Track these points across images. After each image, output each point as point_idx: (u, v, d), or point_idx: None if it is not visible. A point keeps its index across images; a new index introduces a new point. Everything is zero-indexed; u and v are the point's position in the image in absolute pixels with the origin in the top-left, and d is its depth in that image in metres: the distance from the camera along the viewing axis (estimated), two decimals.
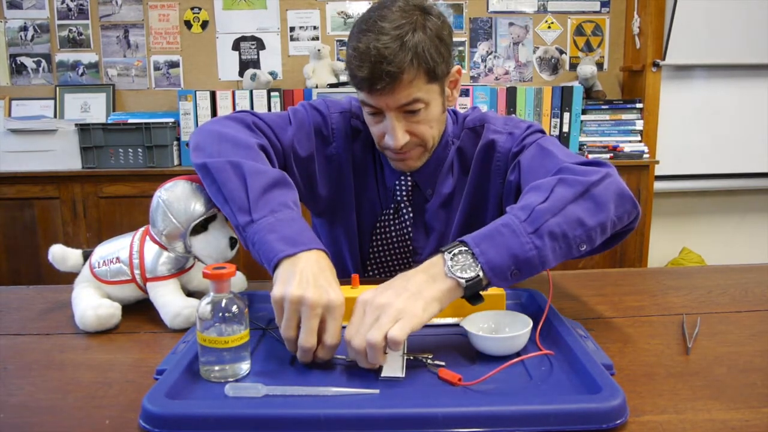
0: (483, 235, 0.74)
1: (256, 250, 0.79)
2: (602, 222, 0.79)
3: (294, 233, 0.78)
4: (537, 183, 0.84)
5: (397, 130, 0.97)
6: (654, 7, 2.59)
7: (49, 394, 0.67)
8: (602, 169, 0.84)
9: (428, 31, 0.93)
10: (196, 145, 0.95)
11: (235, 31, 2.74)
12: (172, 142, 2.46)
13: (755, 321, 0.88)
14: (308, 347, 0.69)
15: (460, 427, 0.56)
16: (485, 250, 0.72)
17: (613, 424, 0.57)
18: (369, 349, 0.66)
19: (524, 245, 0.73)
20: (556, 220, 0.76)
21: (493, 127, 1.09)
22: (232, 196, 0.84)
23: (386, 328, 0.66)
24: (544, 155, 0.97)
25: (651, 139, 2.64)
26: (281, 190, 0.85)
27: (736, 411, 0.61)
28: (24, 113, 2.64)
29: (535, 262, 0.74)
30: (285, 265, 0.74)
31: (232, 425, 0.57)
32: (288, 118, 1.08)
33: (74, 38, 2.71)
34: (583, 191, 0.80)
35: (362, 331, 0.67)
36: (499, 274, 0.72)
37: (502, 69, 2.84)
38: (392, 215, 1.13)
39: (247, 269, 1.03)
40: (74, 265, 0.95)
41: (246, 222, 0.81)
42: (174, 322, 0.85)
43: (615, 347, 0.78)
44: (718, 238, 2.96)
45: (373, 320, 0.67)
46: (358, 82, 0.94)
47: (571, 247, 0.77)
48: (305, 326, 0.69)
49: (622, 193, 0.83)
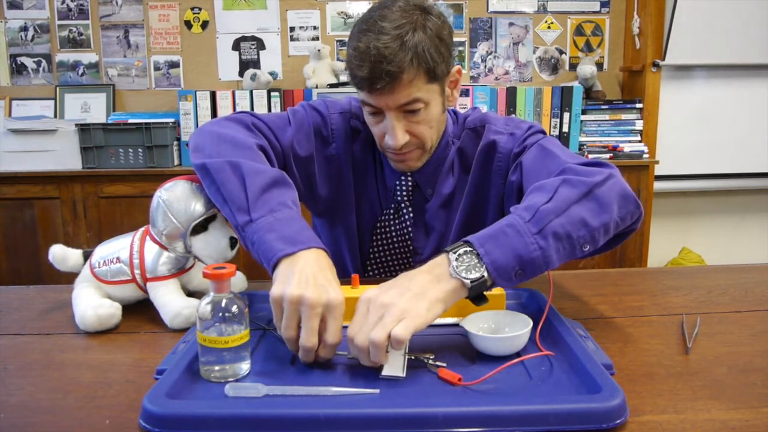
0: (488, 236, 0.74)
1: (255, 250, 0.79)
2: (605, 223, 0.79)
3: (293, 232, 0.78)
4: (540, 183, 0.84)
5: (397, 130, 0.97)
6: (654, 7, 2.59)
7: (49, 394, 0.67)
8: (605, 170, 0.85)
9: (428, 30, 0.93)
10: (195, 146, 0.96)
11: (235, 31, 2.74)
12: (172, 142, 2.46)
13: (755, 321, 0.88)
14: (310, 347, 0.69)
15: (460, 427, 0.56)
16: (490, 251, 0.72)
17: (613, 424, 0.57)
18: (372, 348, 0.66)
19: (529, 246, 0.73)
20: (560, 221, 0.76)
21: (494, 128, 1.09)
22: (231, 196, 0.84)
23: (390, 327, 0.65)
24: (545, 156, 0.98)
25: (651, 139, 2.64)
26: (280, 190, 0.85)
27: (736, 411, 0.61)
28: (24, 113, 2.64)
29: (539, 263, 0.74)
30: (284, 264, 0.74)
31: (232, 425, 0.57)
32: (287, 119, 1.08)
33: (74, 38, 2.71)
34: (586, 192, 0.80)
35: (365, 329, 0.67)
36: (503, 274, 0.72)
37: (502, 69, 2.84)
38: (392, 215, 1.13)
39: (247, 269, 1.03)
40: (74, 265, 0.95)
41: (245, 222, 0.81)
42: (174, 322, 0.85)
43: (615, 347, 0.78)
44: (718, 238, 2.96)
45: (376, 319, 0.67)
46: (359, 81, 0.94)
47: (574, 248, 0.77)
48: (306, 326, 0.69)
49: (626, 194, 0.83)
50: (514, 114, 2.59)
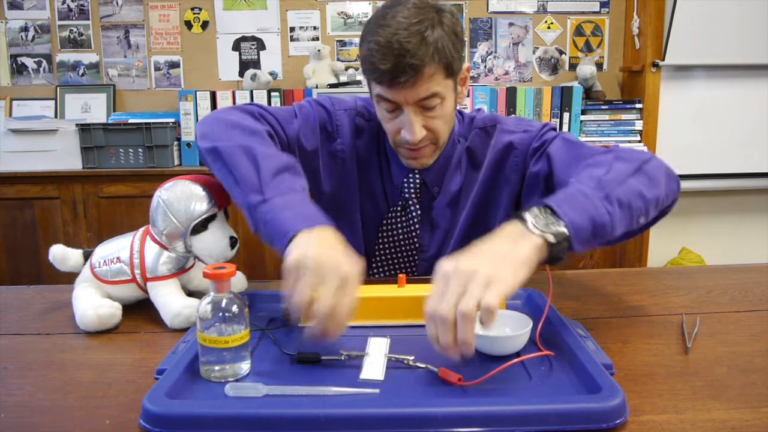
0: (561, 198, 0.74)
1: (267, 229, 0.78)
2: (657, 196, 0.83)
3: (309, 212, 0.78)
4: (593, 160, 0.89)
5: (415, 125, 0.98)
6: (654, 7, 2.59)
7: (49, 394, 0.67)
8: (647, 152, 0.90)
9: (445, 27, 0.94)
10: (203, 133, 0.96)
11: (235, 31, 2.74)
12: (173, 142, 2.46)
13: (755, 321, 0.88)
14: (322, 313, 0.65)
15: (460, 427, 0.56)
16: (567, 212, 0.72)
17: (612, 424, 0.57)
18: (460, 320, 0.60)
19: (599, 209, 0.74)
20: (621, 189, 0.78)
21: (506, 128, 1.11)
22: (244, 178, 0.84)
23: (478, 295, 0.61)
24: (573, 146, 1.01)
25: (650, 139, 2.64)
26: (292, 176, 0.86)
27: (736, 411, 0.61)
28: (25, 113, 2.64)
29: (607, 228, 0.74)
30: (301, 236, 0.73)
31: (232, 425, 0.57)
32: (294, 112, 1.08)
33: (75, 38, 2.71)
34: (639, 166, 0.84)
35: (451, 300, 0.62)
36: (580, 235, 0.72)
37: (502, 69, 2.84)
38: (400, 213, 1.14)
39: (247, 269, 1.03)
40: (74, 265, 0.95)
41: (258, 201, 0.81)
42: (174, 322, 0.85)
43: (615, 347, 0.78)
44: (718, 238, 2.96)
45: (460, 288, 0.62)
46: (379, 75, 0.94)
47: (632, 218, 0.79)
48: (322, 294, 0.66)
49: (669, 172, 0.89)
50: (514, 114, 2.59)
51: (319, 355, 0.72)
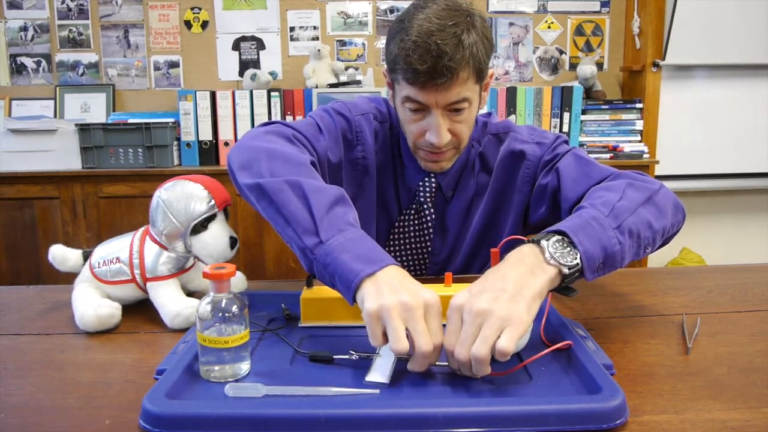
0: (577, 225, 0.75)
1: (329, 273, 0.74)
2: (664, 227, 0.84)
3: (368, 251, 0.73)
4: (607, 184, 0.90)
5: (442, 128, 0.97)
6: (654, 7, 2.59)
7: (49, 394, 0.67)
8: (656, 180, 0.92)
9: (479, 31, 0.94)
10: (241, 164, 0.89)
11: (235, 31, 2.74)
12: (172, 142, 2.45)
13: (755, 321, 0.88)
14: (428, 350, 0.64)
15: (460, 427, 0.56)
16: (582, 240, 0.73)
17: (613, 424, 0.57)
18: (474, 363, 0.63)
19: (611, 239, 0.75)
20: (632, 219, 0.79)
21: (519, 137, 1.11)
22: (295, 218, 0.78)
23: (492, 340, 0.62)
24: (583, 163, 1.02)
25: (651, 139, 2.64)
26: (343, 208, 0.80)
27: (736, 411, 0.61)
28: (24, 113, 2.64)
29: (617, 258, 0.75)
30: (368, 282, 0.69)
31: (232, 425, 0.57)
32: (317, 126, 1.04)
33: (74, 38, 2.71)
34: (649, 196, 0.85)
35: (466, 342, 0.64)
36: (591, 265, 0.73)
37: (502, 69, 2.84)
38: (413, 216, 1.13)
39: (247, 269, 1.03)
40: (74, 266, 0.95)
41: (314, 244, 0.75)
42: (174, 322, 0.85)
43: (615, 347, 0.78)
44: (718, 238, 2.96)
45: (475, 330, 0.64)
46: (414, 75, 0.92)
47: (640, 248, 0.80)
48: (417, 330, 0.65)
49: (677, 203, 0.91)
50: (514, 114, 2.59)
51: (331, 355, 0.72)
